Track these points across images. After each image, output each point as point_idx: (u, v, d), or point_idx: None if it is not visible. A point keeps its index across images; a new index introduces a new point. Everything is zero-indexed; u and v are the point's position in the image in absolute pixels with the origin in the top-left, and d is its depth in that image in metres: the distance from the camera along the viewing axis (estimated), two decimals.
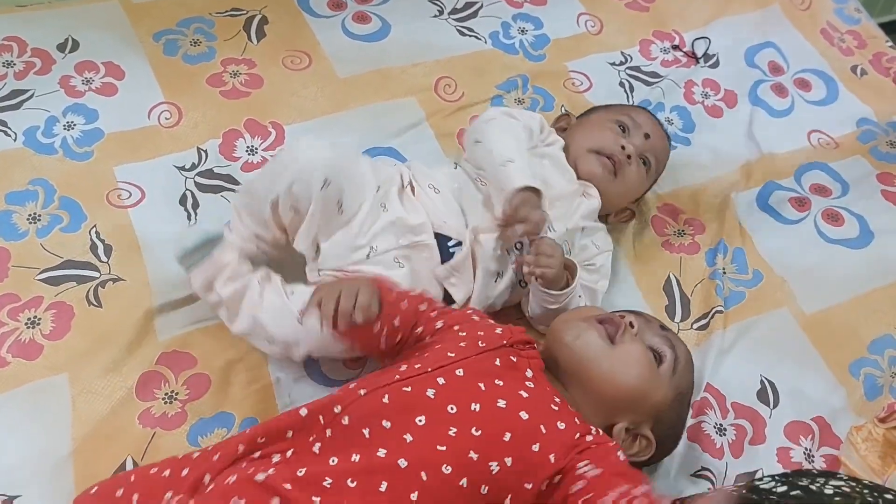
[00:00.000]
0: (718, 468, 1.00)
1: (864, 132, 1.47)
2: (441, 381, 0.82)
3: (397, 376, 0.84)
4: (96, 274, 1.07)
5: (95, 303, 1.05)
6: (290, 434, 0.81)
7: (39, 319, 1.02)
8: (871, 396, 1.10)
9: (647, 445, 0.89)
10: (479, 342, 0.89)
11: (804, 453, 1.03)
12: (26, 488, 0.90)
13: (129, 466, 0.92)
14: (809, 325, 1.17)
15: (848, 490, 0.78)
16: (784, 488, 0.80)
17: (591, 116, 1.22)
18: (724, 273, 1.21)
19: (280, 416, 0.86)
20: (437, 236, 1.03)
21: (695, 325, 1.15)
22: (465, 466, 0.77)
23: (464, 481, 0.76)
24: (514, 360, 0.88)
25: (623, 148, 1.14)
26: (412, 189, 1.07)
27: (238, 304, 0.98)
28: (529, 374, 0.88)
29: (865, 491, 0.78)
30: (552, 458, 0.80)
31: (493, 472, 0.78)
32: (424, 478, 0.75)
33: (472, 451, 0.77)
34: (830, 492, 0.78)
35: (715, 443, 1.02)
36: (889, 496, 0.78)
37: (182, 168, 1.21)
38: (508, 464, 0.78)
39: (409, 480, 0.75)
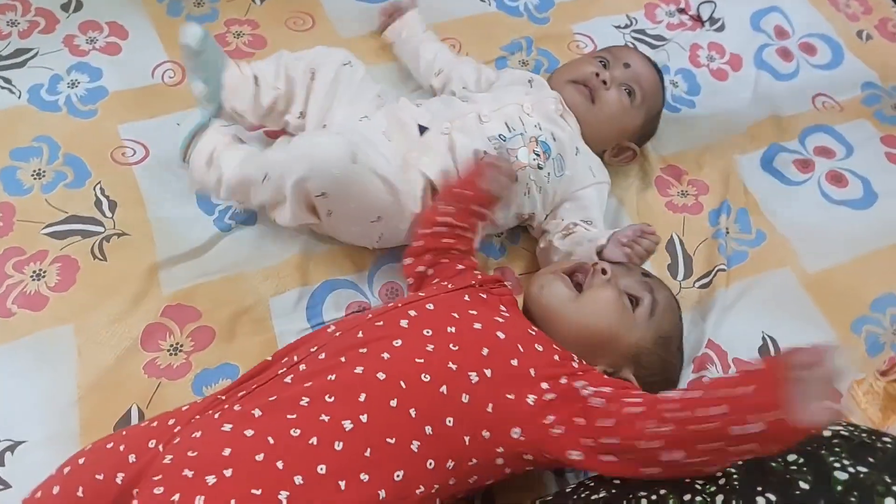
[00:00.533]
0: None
1: (869, 96, 1.46)
2: (412, 312, 0.83)
3: (370, 315, 0.85)
4: (101, 229, 1.08)
5: (100, 257, 1.06)
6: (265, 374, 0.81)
7: (45, 272, 1.03)
8: (872, 353, 1.10)
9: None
10: (448, 284, 0.91)
11: None
12: (32, 434, 0.91)
13: (135, 414, 0.94)
14: (812, 284, 1.17)
15: (846, 433, 0.78)
16: None
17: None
18: (728, 233, 1.21)
19: (260, 364, 0.84)
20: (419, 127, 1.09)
21: (697, 284, 1.15)
22: (443, 375, 0.77)
23: (443, 388, 0.76)
24: (484, 297, 0.90)
25: (597, 75, 1.15)
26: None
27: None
28: (502, 308, 0.89)
29: (864, 434, 0.78)
30: (532, 371, 0.80)
31: (473, 382, 0.78)
32: (403, 386, 0.75)
33: (450, 362, 0.78)
34: (829, 434, 0.78)
35: None
36: (887, 438, 0.78)
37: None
38: (488, 375, 0.79)
39: (388, 389, 0.75)
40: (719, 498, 0.72)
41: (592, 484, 0.82)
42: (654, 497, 0.75)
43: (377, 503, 0.71)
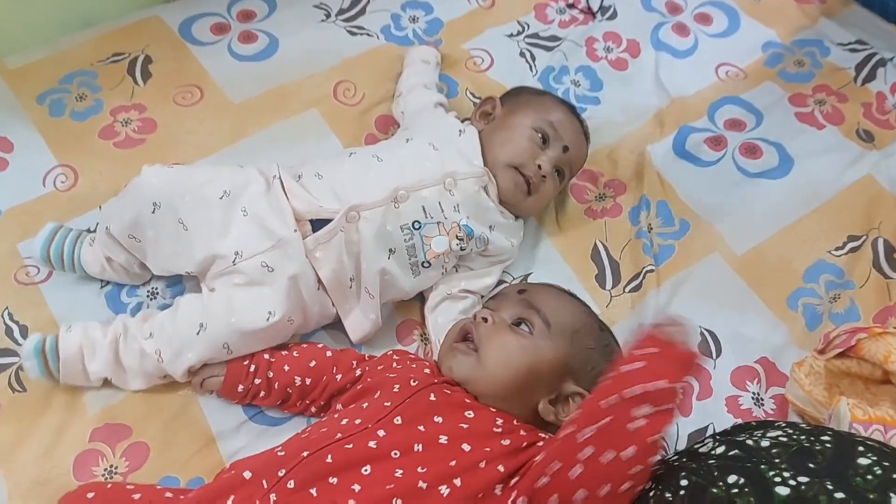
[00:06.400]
0: (669, 430, 0.99)
1: (771, 56, 1.46)
2: (381, 433, 0.82)
3: (339, 434, 0.83)
4: (16, 359, 1.04)
5: (19, 388, 1.02)
6: (231, 499, 0.79)
7: None
8: (812, 326, 1.10)
9: (583, 394, 0.89)
10: (412, 381, 0.89)
11: (752, 398, 1.02)
12: None
13: None
14: (742, 266, 1.16)
15: (785, 439, 0.77)
16: (722, 448, 0.79)
17: (513, 119, 1.15)
18: (651, 229, 1.20)
19: (223, 478, 0.84)
20: (315, 222, 1.01)
21: (627, 289, 1.14)
22: (414, 496, 0.77)
23: None
24: (449, 392, 0.89)
25: (539, 167, 1.10)
26: (281, 184, 1.03)
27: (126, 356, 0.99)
28: (468, 401, 0.88)
29: (802, 437, 0.77)
30: (501, 468, 0.81)
31: (444, 495, 0.78)
32: None
33: (420, 482, 0.78)
34: (767, 444, 0.77)
35: None
36: (826, 437, 0.77)
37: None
38: (458, 484, 0.78)
39: None
40: None
41: None
42: None
43: None
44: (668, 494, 0.76)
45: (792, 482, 0.71)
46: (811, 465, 0.73)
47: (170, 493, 0.84)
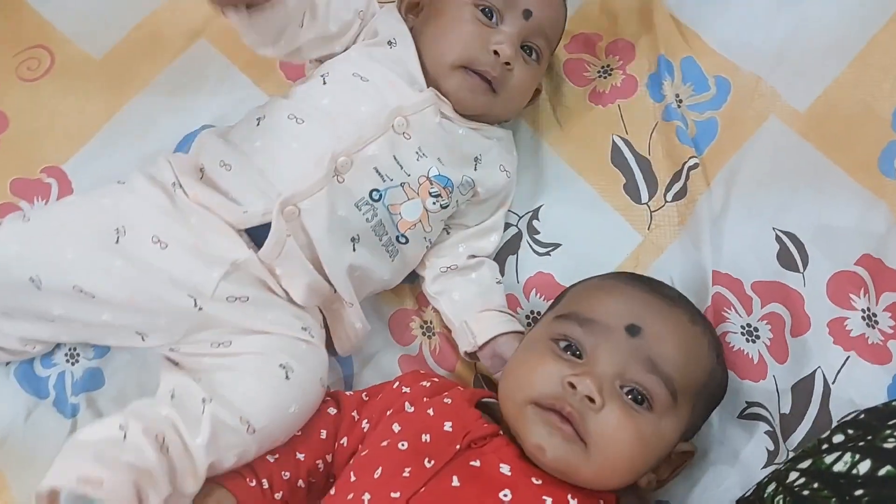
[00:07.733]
0: (767, 393, 0.76)
1: None
2: None
3: None
4: None
5: None
6: None
7: None
8: None
9: (691, 453, 0.71)
10: (427, 460, 0.64)
11: (863, 317, 0.78)
12: None
13: None
14: (810, 127, 0.87)
15: None
16: (867, 464, 0.56)
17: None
18: (680, 102, 0.90)
19: None
20: (250, 231, 0.75)
21: (669, 196, 0.87)
22: None
23: None
24: (478, 464, 0.64)
25: (497, 54, 0.79)
26: (184, 191, 0.75)
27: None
28: (505, 470, 0.64)
29: None
30: None
31: None
32: None
33: None
34: None
35: (750, 357, 0.77)
36: None
37: None
38: None
39: None
40: None
41: None
42: None
43: None
44: None
45: None
46: None
47: None
